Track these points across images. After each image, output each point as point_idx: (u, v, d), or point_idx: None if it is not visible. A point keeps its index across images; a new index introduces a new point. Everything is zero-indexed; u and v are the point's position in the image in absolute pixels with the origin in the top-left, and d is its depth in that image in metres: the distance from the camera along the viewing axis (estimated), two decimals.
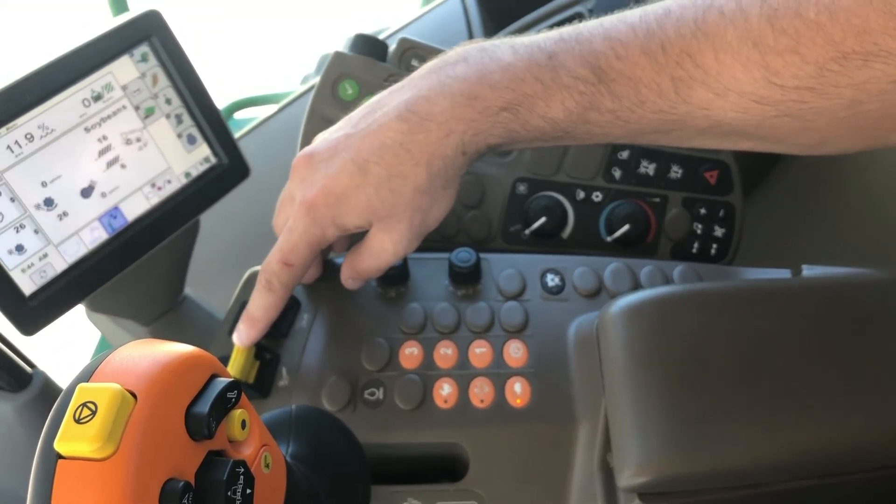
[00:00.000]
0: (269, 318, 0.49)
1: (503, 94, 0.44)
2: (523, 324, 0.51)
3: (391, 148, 0.45)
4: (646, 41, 0.40)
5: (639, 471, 0.39)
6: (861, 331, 0.43)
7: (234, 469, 0.26)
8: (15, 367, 0.48)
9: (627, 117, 0.42)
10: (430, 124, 0.44)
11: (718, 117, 0.40)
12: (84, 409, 0.23)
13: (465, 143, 0.45)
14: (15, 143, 0.46)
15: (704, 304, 0.45)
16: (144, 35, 0.51)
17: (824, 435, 0.39)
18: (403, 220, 0.46)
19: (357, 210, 0.46)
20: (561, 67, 0.42)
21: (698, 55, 0.38)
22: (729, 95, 0.38)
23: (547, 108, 0.43)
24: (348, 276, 0.51)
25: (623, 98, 0.41)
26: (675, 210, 0.62)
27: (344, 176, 0.46)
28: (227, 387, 0.27)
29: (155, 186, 0.53)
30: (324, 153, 0.47)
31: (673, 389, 0.41)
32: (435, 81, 0.45)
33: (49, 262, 0.49)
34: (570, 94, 0.42)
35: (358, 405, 0.48)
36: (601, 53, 0.41)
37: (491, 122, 0.44)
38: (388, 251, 0.48)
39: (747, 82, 0.37)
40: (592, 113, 0.42)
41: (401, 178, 0.45)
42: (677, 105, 0.40)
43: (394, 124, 0.45)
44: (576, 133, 0.44)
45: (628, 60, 0.41)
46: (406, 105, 0.45)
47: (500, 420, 0.47)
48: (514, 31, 0.82)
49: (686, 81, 0.39)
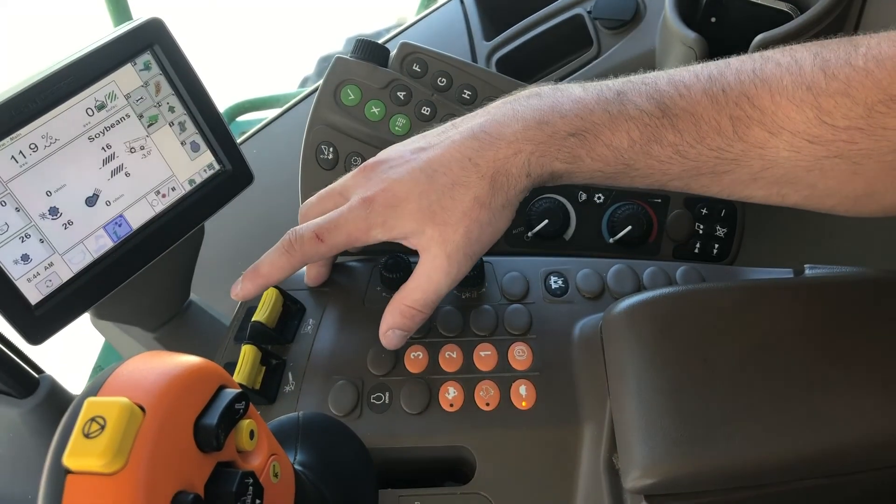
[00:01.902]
0: (272, 278, 0.50)
1: (572, 121, 0.45)
2: (527, 326, 0.51)
3: (459, 161, 0.46)
4: (707, 84, 0.43)
5: (645, 472, 0.39)
6: (864, 330, 0.43)
7: (243, 480, 0.26)
8: (22, 373, 0.48)
9: (687, 152, 0.44)
10: (500, 143, 0.46)
11: (772, 157, 0.42)
12: (93, 424, 0.24)
13: (530, 164, 0.46)
14: (19, 153, 0.47)
15: (708, 304, 0.45)
16: (147, 44, 0.51)
17: (829, 435, 0.39)
18: (459, 229, 0.46)
19: (415, 214, 0.47)
20: (628, 101, 0.45)
21: (756, 98, 0.42)
22: (783, 134, 0.41)
23: (612, 136, 0.45)
24: (392, 318, 0.49)
25: (685, 132, 0.43)
26: (677, 211, 0.62)
27: (409, 181, 0.47)
28: (235, 398, 0.27)
29: (159, 194, 0.53)
30: (394, 160, 0.49)
31: (678, 390, 0.41)
32: (509, 109, 0.47)
33: (55, 270, 0.49)
34: (636, 124, 0.44)
35: (364, 410, 0.48)
36: (665, 92, 0.44)
37: (558, 147, 0.45)
38: (441, 268, 0.47)
39: (800, 121, 0.40)
40: (655, 146, 0.44)
41: (464, 188, 0.46)
42: (734, 143, 0.42)
43: (466, 141, 0.47)
44: (636, 166, 0.45)
45: (691, 99, 0.43)
46: (480, 126, 0.47)
47: (505, 423, 0.47)
48: (514, 34, 0.82)
49: (744, 120, 0.42)
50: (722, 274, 0.54)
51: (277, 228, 0.74)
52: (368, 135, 0.61)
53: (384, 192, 0.47)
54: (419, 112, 0.62)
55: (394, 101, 0.62)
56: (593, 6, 0.79)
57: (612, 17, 0.78)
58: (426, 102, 0.62)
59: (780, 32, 0.62)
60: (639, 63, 0.74)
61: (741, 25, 0.67)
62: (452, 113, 0.62)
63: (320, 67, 1.65)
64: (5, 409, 0.48)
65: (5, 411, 0.48)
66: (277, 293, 0.51)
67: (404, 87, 0.62)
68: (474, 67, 0.64)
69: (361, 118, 0.61)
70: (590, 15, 0.80)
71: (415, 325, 0.49)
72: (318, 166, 0.61)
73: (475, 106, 0.63)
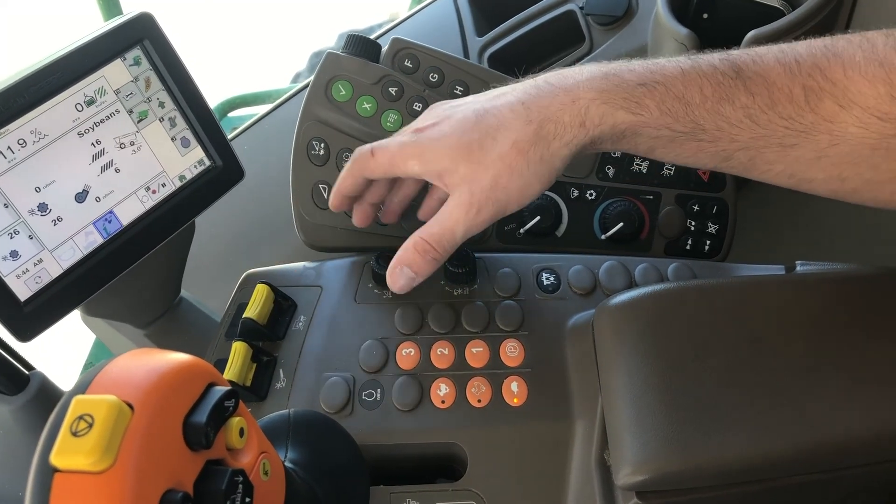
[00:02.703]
0: (342, 186, 0.53)
1: (642, 74, 0.45)
2: (519, 323, 0.51)
3: (512, 105, 0.46)
4: (780, 55, 0.43)
5: (636, 469, 0.39)
6: (855, 326, 0.44)
7: (232, 478, 0.26)
8: (12, 370, 0.48)
9: (758, 117, 0.43)
10: (560, 91, 0.45)
11: (840, 132, 0.41)
12: (80, 422, 0.23)
13: (588, 113, 0.44)
14: (7, 149, 0.46)
15: (699, 300, 0.45)
16: (137, 38, 0.51)
17: (820, 430, 0.40)
18: (490, 171, 0.45)
19: (453, 150, 0.46)
20: (701, 60, 0.44)
21: (828, 70, 0.41)
22: (853, 108, 0.40)
23: (684, 89, 0.44)
24: (404, 252, 0.48)
25: (757, 96, 0.43)
26: (669, 207, 0.62)
27: (460, 119, 0.47)
28: (225, 395, 0.27)
29: (149, 190, 0.53)
30: (460, 103, 0.49)
31: (669, 387, 0.41)
32: (576, 67, 0.47)
33: (44, 267, 0.49)
34: (709, 81, 0.43)
35: (355, 406, 0.48)
36: (739, 57, 0.44)
37: (624, 95, 0.44)
38: (462, 206, 0.46)
39: (872, 96, 0.40)
40: (727, 105, 0.43)
41: (507, 130, 0.45)
42: (805, 113, 0.42)
43: (526, 88, 0.46)
44: (706, 126, 0.44)
45: (764, 65, 0.43)
46: (544, 77, 0.47)
47: (497, 419, 0.47)
48: (506, 30, 0.82)
49: (816, 91, 0.41)
50: (713, 270, 0.55)
51: (268, 224, 0.75)
52: (360, 130, 0.61)
53: (434, 126, 0.48)
54: (411, 108, 0.62)
55: (385, 97, 0.62)
56: (585, 2, 0.79)
57: (604, 13, 0.78)
58: (418, 98, 0.62)
59: (772, 29, 0.62)
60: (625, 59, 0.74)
61: (733, 21, 0.67)
62: None
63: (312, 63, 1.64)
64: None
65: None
66: (269, 290, 0.51)
67: (396, 83, 0.62)
68: (466, 63, 0.64)
69: (353, 114, 0.61)
70: (582, 11, 0.80)
71: (427, 267, 0.48)
72: (309, 162, 0.60)
73: None
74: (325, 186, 0.60)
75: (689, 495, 0.40)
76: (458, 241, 0.47)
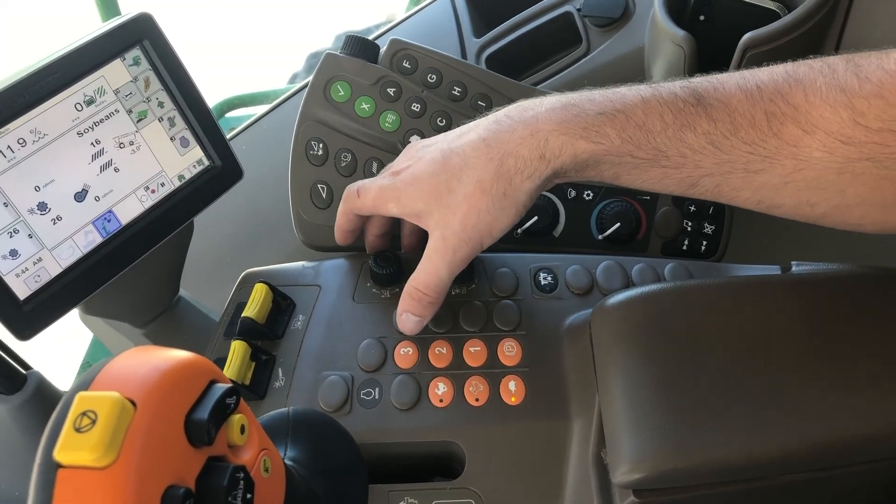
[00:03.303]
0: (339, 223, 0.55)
1: (602, 103, 0.45)
2: (517, 322, 0.51)
3: (474, 143, 0.46)
4: (741, 81, 0.44)
5: (633, 467, 0.40)
6: (851, 325, 0.44)
7: (234, 475, 0.26)
8: (9, 369, 0.48)
9: (721, 143, 0.43)
10: (519, 125, 0.46)
11: (805, 157, 0.41)
12: (84, 419, 0.24)
13: (548, 144, 0.45)
14: (7, 148, 0.46)
15: (696, 300, 0.45)
16: (136, 38, 0.51)
17: (816, 428, 0.40)
18: (458, 213, 0.46)
19: (425, 194, 0.47)
20: (662, 88, 0.45)
21: (790, 95, 0.42)
22: (817, 133, 0.41)
23: (645, 117, 0.44)
24: (402, 301, 0.49)
25: (719, 122, 0.43)
26: (666, 208, 0.62)
27: (429, 161, 0.48)
28: (226, 392, 0.27)
29: (148, 189, 0.53)
30: (431, 142, 0.51)
31: (666, 386, 0.41)
32: (537, 99, 0.48)
33: (43, 266, 0.49)
34: (669, 108, 0.44)
35: (354, 405, 0.48)
36: (700, 85, 0.44)
37: (584, 125, 0.44)
38: (439, 252, 0.47)
39: (834, 121, 0.40)
40: (688, 132, 0.43)
41: (470, 170, 0.46)
42: (768, 138, 0.42)
43: (488, 124, 0.47)
44: (668, 153, 0.44)
45: (725, 92, 0.43)
46: (504, 112, 0.47)
47: (495, 418, 0.47)
48: (503, 31, 0.82)
49: (778, 116, 0.42)
50: (710, 270, 0.55)
51: (266, 224, 0.75)
52: (358, 131, 0.61)
53: (408, 170, 0.49)
54: (409, 108, 0.62)
55: (384, 98, 0.62)
56: (582, 4, 0.79)
57: (601, 15, 0.78)
58: (416, 99, 0.62)
59: (769, 31, 0.62)
60: (628, 60, 0.74)
61: (730, 24, 0.67)
62: (443, 109, 0.62)
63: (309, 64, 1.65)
64: None
65: None
66: (267, 289, 0.51)
67: (394, 84, 0.62)
68: (464, 64, 0.64)
69: (351, 114, 0.61)
70: (579, 13, 0.80)
71: (426, 310, 0.49)
72: (308, 162, 0.61)
73: (465, 102, 0.63)
74: (323, 186, 0.60)
75: (686, 493, 0.41)
76: (447, 282, 0.48)
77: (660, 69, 0.70)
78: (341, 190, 0.60)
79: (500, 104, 0.62)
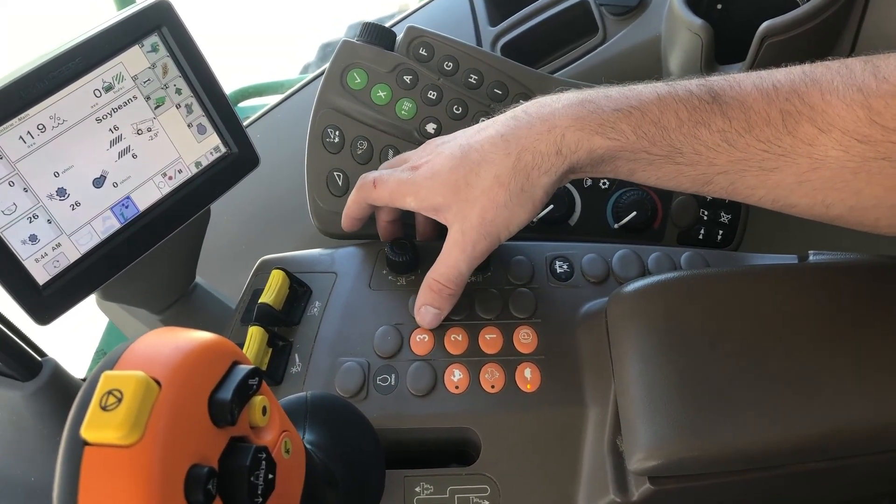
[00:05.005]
0: (349, 211, 0.56)
1: (618, 100, 0.45)
2: (533, 310, 0.51)
3: (492, 138, 0.47)
4: (757, 80, 0.44)
5: (649, 454, 0.40)
6: (868, 316, 0.44)
7: (256, 454, 0.27)
8: (25, 356, 0.48)
9: (735, 141, 0.43)
10: (536, 121, 0.46)
11: (821, 156, 0.41)
12: (110, 397, 0.24)
13: (565, 140, 0.45)
14: (27, 134, 0.47)
15: (713, 289, 0.45)
16: (154, 25, 0.51)
17: (833, 417, 0.40)
18: (475, 207, 0.47)
19: (443, 189, 0.48)
20: (678, 86, 0.45)
21: (806, 95, 0.42)
22: (833, 132, 0.41)
23: (660, 113, 0.44)
24: (422, 294, 0.50)
25: (734, 120, 0.43)
26: (682, 197, 0.62)
27: (448, 156, 0.48)
28: (249, 373, 0.27)
29: (166, 176, 0.54)
30: (450, 137, 0.52)
31: (682, 373, 0.41)
32: (555, 96, 0.48)
33: (62, 251, 0.49)
34: (685, 105, 0.44)
35: (370, 391, 0.48)
36: (716, 83, 0.45)
37: (600, 121, 0.45)
38: (458, 245, 0.48)
39: (851, 120, 0.40)
40: (703, 129, 0.44)
41: (489, 165, 0.46)
42: (783, 136, 0.42)
43: (505, 120, 0.48)
44: (683, 150, 0.44)
45: (741, 90, 0.44)
46: (522, 108, 0.48)
47: (510, 405, 0.47)
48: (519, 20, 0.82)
49: (793, 115, 0.42)
50: (727, 260, 0.55)
51: (282, 212, 0.75)
52: (374, 118, 0.61)
53: (427, 164, 0.50)
54: (425, 96, 0.62)
55: (400, 85, 0.62)
56: None
57: (617, 4, 0.78)
58: (432, 86, 0.62)
59: (787, 20, 0.62)
60: (644, 49, 0.74)
61: (747, 12, 0.67)
62: (459, 97, 0.62)
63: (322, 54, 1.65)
64: (8, 392, 0.48)
65: (8, 394, 0.49)
66: (284, 275, 0.51)
67: (411, 71, 0.62)
68: (481, 52, 0.64)
69: (367, 102, 0.61)
70: (595, 1, 0.80)
71: (445, 302, 0.50)
72: (324, 149, 0.61)
73: (481, 90, 0.63)
74: (339, 174, 0.60)
75: (701, 481, 0.41)
76: (466, 275, 0.49)
77: (676, 58, 0.70)
78: (357, 177, 0.60)
79: (516, 92, 0.63)
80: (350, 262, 0.55)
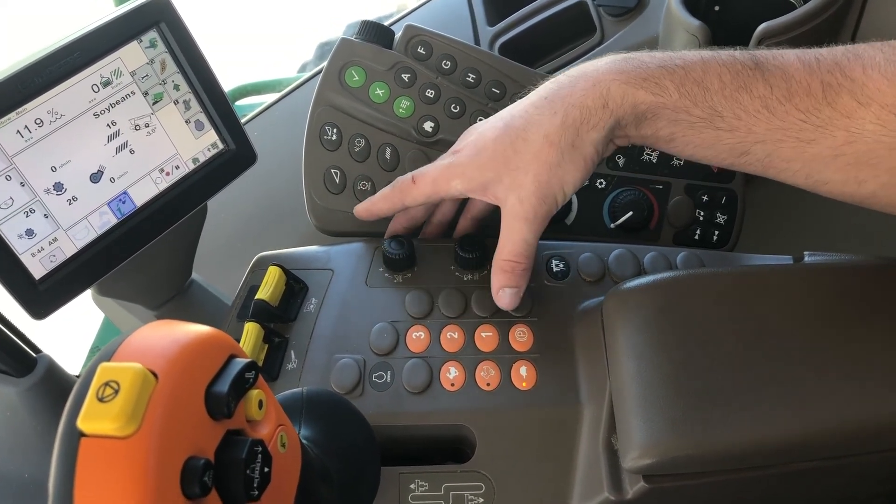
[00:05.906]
0: (376, 208, 0.56)
1: (662, 59, 0.46)
2: (529, 308, 0.51)
3: (535, 102, 0.47)
4: (800, 53, 0.44)
5: (643, 453, 0.40)
6: (862, 316, 0.44)
7: (252, 448, 0.27)
8: (19, 352, 0.48)
9: (775, 108, 0.43)
10: (580, 80, 0.46)
11: (858, 129, 0.41)
12: (107, 388, 0.24)
13: (610, 93, 0.45)
14: (24, 128, 0.47)
15: (708, 288, 0.46)
16: (153, 21, 0.51)
17: (826, 417, 0.40)
18: (529, 174, 0.46)
19: (491, 162, 0.47)
20: (723, 52, 0.46)
21: (847, 68, 0.42)
22: (872, 106, 0.41)
23: (703, 74, 0.44)
24: (496, 278, 0.49)
25: (775, 87, 0.43)
26: (678, 197, 0.62)
27: (490, 129, 0.48)
28: (246, 367, 0.27)
29: (163, 172, 0.54)
30: (481, 121, 0.51)
31: (677, 372, 0.42)
32: (594, 59, 0.48)
33: (58, 246, 0.49)
34: (728, 69, 0.44)
35: (366, 388, 0.48)
36: (759, 53, 0.45)
37: (644, 76, 0.45)
38: (518, 216, 0.47)
39: (891, 95, 0.40)
40: (744, 94, 0.44)
41: (536, 126, 0.46)
42: (822, 107, 0.42)
43: (546, 85, 0.48)
44: (723, 113, 0.44)
45: (784, 60, 0.44)
46: (564, 73, 0.48)
47: (506, 403, 0.47)
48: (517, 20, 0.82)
49: (834, 87, 0.42)
50: (722, 260, 0.55)
51: (279, 209, 0.75)
52: (372, 116, 0.61)
53: (469, 144, 0.49)
54: (423, 94, 0.62)
55: (398, 83, 0.62)
56: None
57: (615, 4, 0.78)
58: (430, 85, 0.62)
59: (784, 21, 0.62)
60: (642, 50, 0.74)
61: (745, 14, 0.67)
62: (457, 96, 0.62)
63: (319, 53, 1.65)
64: (2, 388, 0.48)
65: (2, 390, 0.48)
66: (280, 272, 0.51)
67: (409, 70, 0.62)
68: (479, 51, 0.64)
69: (366, 100, 0.61)
70: (593, 2, 0.80)
71: (521, 279, 0.49)
72: (321, 146, 0.61)
73: (479, 89, 0.63)
74: (336, 171, 0.61)
75: (696, 479, 0.41)
76: (534, 245, 0.48)
77: None
78: (354, 175, 0.60)
79: (513, 91, 0.63)
80: (347, 259, 0.55)
